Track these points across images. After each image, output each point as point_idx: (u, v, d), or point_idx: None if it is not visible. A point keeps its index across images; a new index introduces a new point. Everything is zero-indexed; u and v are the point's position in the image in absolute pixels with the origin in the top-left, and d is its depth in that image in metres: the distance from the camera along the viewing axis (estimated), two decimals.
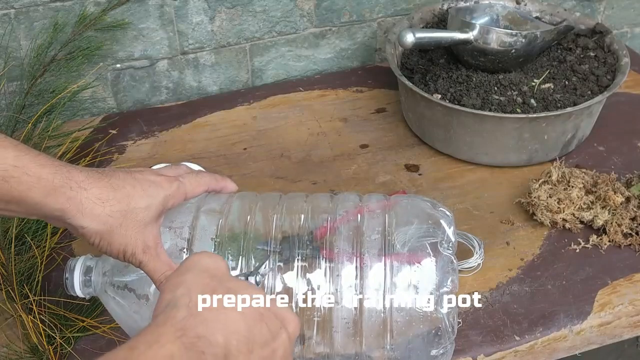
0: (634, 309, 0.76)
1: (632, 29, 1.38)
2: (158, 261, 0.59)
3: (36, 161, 0.54)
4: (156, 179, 0.61)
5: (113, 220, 0.56)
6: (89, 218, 0.55)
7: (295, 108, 1.11)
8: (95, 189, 0.56)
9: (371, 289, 0.60)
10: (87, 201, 0.55)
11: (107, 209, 0.56)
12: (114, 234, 0.57)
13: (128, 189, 0.58)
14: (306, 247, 0.62)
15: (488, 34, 0.96)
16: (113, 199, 0.56)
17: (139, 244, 0.58)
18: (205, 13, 1.10)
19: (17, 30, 1.02)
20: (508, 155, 0.94)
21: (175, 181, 0.62)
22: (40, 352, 0.71)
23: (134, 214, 0.58)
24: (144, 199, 0.59)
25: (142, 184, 0.59)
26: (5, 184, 0.52)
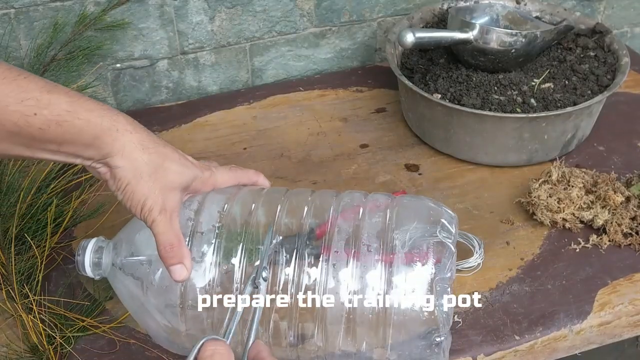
0: (634, 309, 0.76)
1: (632, 28, 1.38)
2: (169, 227, 0.60)
3: (85, 106, 0.57)
4: (193, 161, 0.65)
5: (146, 169, 0.59)
6: (127, 159, 0.58)
7: (295, 108, 1.11)
8: (139, 135, 0.59)
9: (370, 287, 0.60)
10: (130, 143, 0.59)
11: (145, 156, 0.59)
12: (141, 182, 0.59)
13: (168, 150, 0.62)
14: (306, 245, 0.62)
15: (488, 33, 0.96)
16: (153, 149, 0.60)
17: (159, 202, 0.59)
18: (205, 13, 1.10)
19: (17, 30, 1.02)
20: (508, 155, 0.94)
21: (208, 170, 0.66)
22: (40, 352, 0.71)
23: (166, 172, 0.60)
24: (179, 165, 0.62)
25: (180, 156, 0.63)
26: (59, 127, 0.56)
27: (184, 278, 0.60)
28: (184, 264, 0.59)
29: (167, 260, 0.59)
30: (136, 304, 0.65)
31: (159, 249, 0.59)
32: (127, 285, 0.65)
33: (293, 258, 0.62)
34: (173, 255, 0.59)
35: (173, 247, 0.59)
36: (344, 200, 0.67)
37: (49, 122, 0.55)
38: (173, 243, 0.59)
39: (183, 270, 0.59)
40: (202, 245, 0.63)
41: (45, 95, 0.55)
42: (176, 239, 0.60)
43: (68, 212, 0.85)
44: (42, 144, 0.57)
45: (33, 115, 0.55)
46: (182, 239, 0.60)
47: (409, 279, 0.60)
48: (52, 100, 0.56)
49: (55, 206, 0.83)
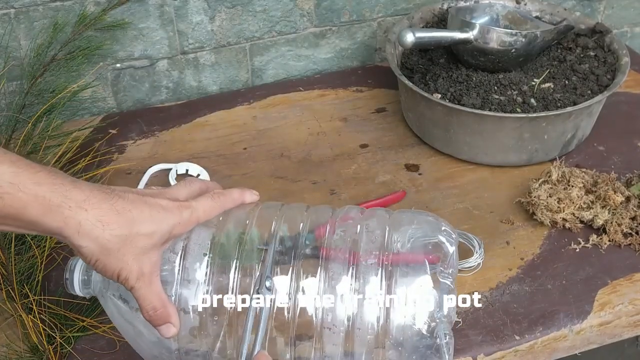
0: (634, 309, 0.76)
1: (632, 28, 1.38)
2: (149, 291, 0.58)
3: (34, 179, 0.52)
4: (167, 205, 0.59)
5: (111, 245, 0.55)
6: (86, 239, 0.54)
7: (295, 108, 1.11)
8: (96, 211, 0.54)
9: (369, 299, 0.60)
10: (86, 222, 0.53)
11: (107, 233, 0.54)
12: (110, 257, 0.55)
13: (134, 213, 0.56)
14: (302, 259, 0.62)
15: (488, 33, 0.96)
16: (115, 222, 0.55)
17: (133, 270, 0.57)
18: (205, 13, 1.10)
19: (17, 30, 1.02)
20: (508, 155, 0.94)
21: (188, 208, 0.60)
22: (40, 352, 0.71)
23: (135, 240, 0.56)
24: (148, 225, 0.57)
25: (151, 209, 0.58)
26: (0, 200, 0.51)
27: (173, 335, 0.59)
28: (171, 323, 0.59)
29: (152, 322, 0.59)
30: (126, 323, 0.64)
31: (142, 313, 0.58)
32: (116, 306, 0.63)
33: (289, 273, 0.61)
34: (158, 318, 0.58)
35: (156, 310, 0.58)
36: (340, 215, 0.66)
37: None
38: (156, 307, 0.58)
39: (170, 328, 0.59)
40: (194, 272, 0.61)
41: None
42: (158, 301, 0.58)
43: None
44: None
45: None
46: (164, 299, 0.59)
47: (407, 297, 0.60)
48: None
49: None
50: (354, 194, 0.92)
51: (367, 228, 0.64)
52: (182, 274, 0.61)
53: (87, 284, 0.65)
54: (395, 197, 0.90)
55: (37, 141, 0.91)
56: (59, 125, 0.95)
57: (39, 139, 0.91)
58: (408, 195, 0.92)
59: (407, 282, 0.60)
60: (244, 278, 0.61)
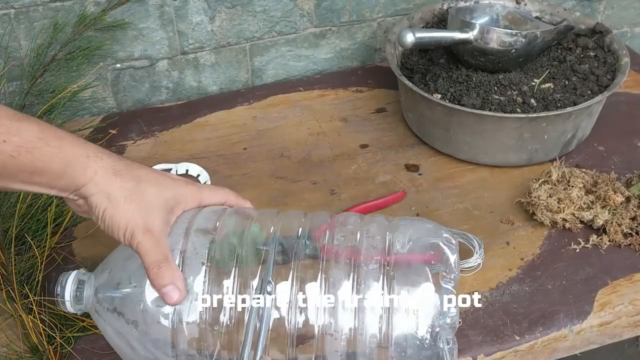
0: (634, 309, 0.76)
1: (632, 28, 1.38)
2: (156, 246, 0.57)
3: (56, 134, 0.57)
4: (174, 176, 0.64)
5: (121, 192, 0.58)
6: (100, 185, 0.58)
7: (295, 108, 1.11)
8: (110, 160, 0.59)
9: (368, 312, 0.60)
10: (101, 169, 0.58)
11: (118, 180, 0.58)
12: (119, 207, 0.58)
13: (142, 172, 0.61)
14: (301, 265, 0.61)
15: (488, 33, 0.96)
16: (126, 174, 0.59)
17: (140, 223, 0.58)
18: (205, 13, 1.10)
19: (17, 30, 1.02)
20: (508, 155, 0.94)
21: (193, 185, 0.64)
22: (40, 352, 0.71)
23: (143, 193, 0.59)
24: (155, 185, 0.60)
25: (158, 174, 0.62)
26: (30, 155, 0.55)
27: (178, 300, 0.56)
28: (176, 285, 0.56)
29: (156, 281, 0.56)
30: (120, 339, 0.62)
31: (147, 271, 0.56)
32: (110, 319, 0.62)
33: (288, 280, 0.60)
34: (162, 276, 0.56)
35: (161, 267, 0.56)
36: (339, 221, 0.66)
37: (19, 149, 0.55)
38: (161, 263, 0.56)
39: (175, 291, 0.56)
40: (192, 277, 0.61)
41: (15, 123, 0.55)
42: (164, 258, 0.57)
43: (68, 212, 0.85)
44: (13, 173, 0.56)
45: (2, 142, 0.54)
46: (171, 258, 0.57)
47: (407, 304, 0.60)
48: (22, 128, 0.55)
49: (55, 206, 0.83)
50: (354, 194, 0.92)
51: (367, 234, 0.64)
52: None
53: (79, 300, 0.63)
54: (395, 197, 0.90)
55: None
56: (59, 126, 0.95)
57: None
58: (408, 195, 0.92)
59: (409, 289, 0.60)
60: (243, 285, 0.60)
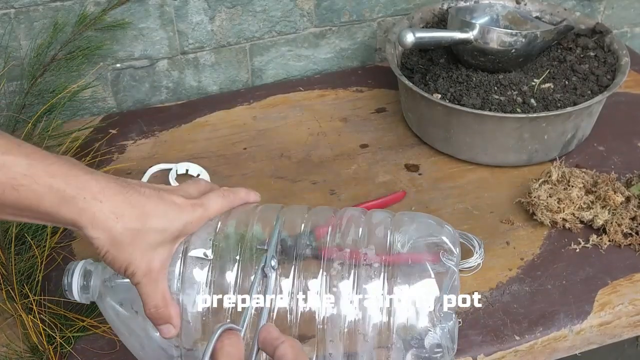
0: (634, 309, 0.76)
1: (632, 28, 1.38)
2: (154, 288, 0.58)
3: (48, 170, 0.53)
4: (181, 203, 0.59)
5: (123, 237, 0.55)
6: (99, 230, 0.54)
7: (295, 108, 1.11)
8: (110, 203, 0.54)
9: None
10: (100, 214, 0.54)
11: (120, 225, 0.55)
12: (121, 249, 0.56)
13: (148, 207, 0.57)
14: (302, 260, 0.61)
15: (488, 33, 0.96)
16: (128, 215, 0.55)
17: (142, 265, 0.57)
18: (205, 13, 1.10)
19: (17, 30, 1.02)
20: (508, 155, 0.94)
21: (200, 207, 0.61)
22: (40, 352, 0.71)
23: (147, 235, 0.56)
24: (162, 220, 0.57)
25: (166, 205, 0.58)
26: (15, 192, 0.52)
27: (172, 336, 0.59)
28: (171, 324, 0.59)
29: (153, 321, 0.59)
30: (125, 328, 0.63)
31: (145, 310, 0.58)
32: (116, 311, 0.63)
33: (290, 271, 0.61)
34: (159, 317, 0.58)
35: (158, 309, 0.58)
36: (341, 216, 0.66)
37: (2, 185, 0.51)
38: (158, 305, 0.58)
39: (170, 329, 0.59)
40: (194, 268, 0.61)
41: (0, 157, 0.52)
42: (162, 300, 0.58)
43: None
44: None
45: None
46: (167, 298, 0.58)
47: (408, 298, 0.59)
48: (7, 162, 0.52)
49: None
50: (354, 194, 0.92)
51: (369, 229, 0.64)
52: (183, 278, 0.61)
53: (86, 289, 0.64)
54: (395, 197, 0.90)
55: (37, 141, 0.91)
56: (59, 126, 0.95)
57: (39, 139, 0.91)
58: (408, 196, 0.92)
59: (410, 285, 0.60)
60: (245, 278, 0.61)
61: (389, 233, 0.63)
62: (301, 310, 0.60)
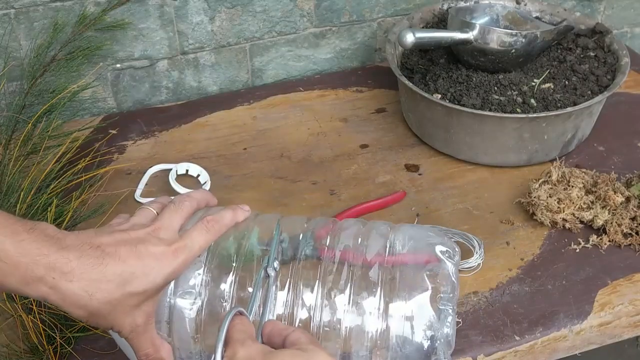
0: (634, 309, 0.76)
1: (632, 29, 1.38)
2: (143, 339, 0.58)
3: (18, 248, 0.50)
4: (162, 253, 0.56)
5: (100, 310, 0.54)
6: (72, 307, 0.53)
7: (295, 108, 1.11)
8: (83, 282, 0.52)
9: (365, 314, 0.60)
10: (72, 293, 0.52)
11: (95, 301, 0.52)
12: (101, 318, 0.54)
13: (125, 275, 0.54)
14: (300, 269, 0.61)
15: (488, 33, 0.96)
16: (104, 290, 0.53)
17: (126, 325, 0.56)
18: (205, 13, 1.10)
19: (17, 30, 1.02)
20: (508, 155, 0.94)
21: (182, 252, 0.58)
22: (40, 352, 0.71)
23: (127, 300, 0.55)
24: (142, 283, 0.55)
25: (144, 264, 0.55)
26: None
27: None
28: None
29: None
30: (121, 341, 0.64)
31: (137, 357, 0.59)
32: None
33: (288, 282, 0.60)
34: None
35: (149, 356, 0.59)
36: (339, 227, 0.66)
37: None
38: (149, 353, 0.58)
39: None
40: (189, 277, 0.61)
41: None
42: (151, 347, 0.58)
43: (68, 213, 0.85)
44: None
45: None
46: (157, 344, 0.59)
47: (405, 311, 0.59)
48: None
49: (55, 206, 0.83)
50: (354, 194, 0.92)
51: (367, 241, 0.64)
52: (176, 289, 0.61)
53: None
54: (395, 197, 0.90)
55: (37, 141, 0.91)
56: (59, 126, 0.95)
57: (39, 139, 0.91)
58: (408, 196, 0.92)
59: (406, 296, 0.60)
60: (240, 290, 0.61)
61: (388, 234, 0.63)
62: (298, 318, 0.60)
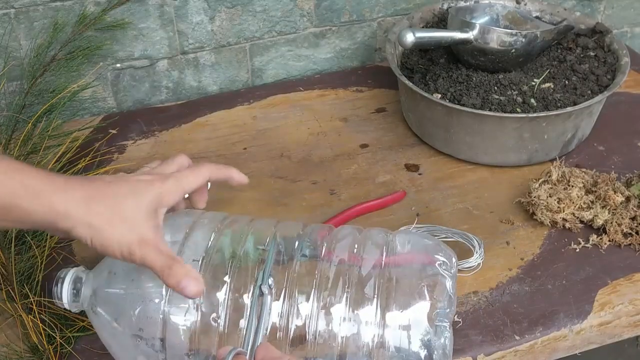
0: (634, 309, 0.77)
1: (632, 28, 1.38)
2: (158, 253, 0.57)
3: (20, 170, 0.56)
4: (148, 178, 0.60)
5: (100, 221, 0.56)
6: (74, 219, 0.55)
7: (295, 108, 1.11)
8: (77, 191, 0.56)
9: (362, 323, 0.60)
10: (70, 203, 0.55)
11: (93, 211, 0.56)
12: (104, 233, 0.56)
13: (113, 188, 0.58)
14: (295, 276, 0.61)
15: (488, 33, 0.96)
16: (97, 201, 0.56)
17: (133, 240, 0.56)
18: (205, 13, 1.10)
19: (17, 30, 1.02)
20: (508, 155, 0.94)
21: (170, 179, 0.61)
22: (40, 352, 0.71)
23: (122, 211, 0.57)
24: (131, 198, 0.58)
25: (130, 184, 0.59)
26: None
27: (198, 289, 0.56)
28: (190, 277, 0.56)
29: (172, 280, 0.56)
30: (114, 341, 0.63)
31: (160, 277, 0.57)
32: (105, 320, 0.62)
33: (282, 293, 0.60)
34: (176, 273, 0.56)
35: (172, 268, 0.57)
36: (336, 234, 0.66)
37: None
38: (169, 264, 0.57)
39: (190, 284, 0.56)
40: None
41: None
42: (170, 259, 0.57)
43: None
44: None
45: None
46: (175, 257, 0.58)
47: (401, 320, 0.59)
48: None
49: None
50: (354, 194, 0.92)
51: (364, 249, 0.64)
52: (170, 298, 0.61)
53: (76, 297, 0.64)
54: (395, 197, 0.90)
55: (37, 141, 0.91)
56: (59, 126, 0.95)
57: (39, 139, 0.91)
58: (408, 195, 0.92)
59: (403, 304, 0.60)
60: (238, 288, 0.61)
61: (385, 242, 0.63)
62: (292, 327, 0.60)
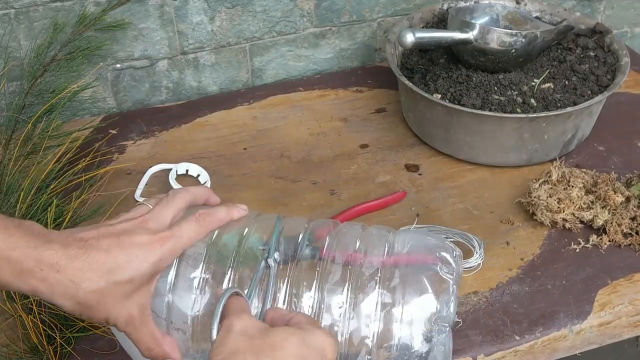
0: (634, 309, 0.77)
1: (632, 28, 1.38)
2: (141, 333, 0.57)
3: (8, 242, 0.52)
4: (146, 242, 0.57)
5: (89, 300, 0.54)
6: (62, 299, 0.54)
7: (295, 108, 1.11)
8: (68, 272, 0.53)
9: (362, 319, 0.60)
10: (59, 284, 0.53)
11: (81, 291, 0.54)
12: (93, 310, 0.55)
13: (108, 264, 0.55)
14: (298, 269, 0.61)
15: (488, 33, 0.96)
16: (88, 280, 0.54)
17: (120, 316, 0.56)
18: (205, 13, 1.10)
19: (17, 30, 1.02)
20: (508, 155, 0.94)
21: (170, 239, 0.58)
22: (40, 352, 0.71)
23: (114, 289, 0.55)
24: (126, 272, 0.55)
25: (127, 253, 0.56)
26: None
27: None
28: (170, 357, 0.59)
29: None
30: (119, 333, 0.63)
31: (141, 354, 0.59)
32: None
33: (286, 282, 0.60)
34: (156, 356, 0.58)
35: (151, 350, 0.58)
36: (339, 230, 0.65)
37: None
38: (150, 347, 0.58)
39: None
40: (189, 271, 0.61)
41: None
42: (152, 341, 0.58)
43: (68, 213, 0.85)
44: None
45: None
46: (158, 338, 0.58)
47: (402, 315, 0.59)
48: None
49: (55, 206, 0.83)
50: (354, 194, 0.92)
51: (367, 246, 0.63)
52: (174, 287, 0.60)
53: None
54: (395, 197, 0.90)
55: (37, 141, 0.91)
56: (59, 126, 0.95)
57: (39, 139, 0.91)
58: (408, 195, 0.92)
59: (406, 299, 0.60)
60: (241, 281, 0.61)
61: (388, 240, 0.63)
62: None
